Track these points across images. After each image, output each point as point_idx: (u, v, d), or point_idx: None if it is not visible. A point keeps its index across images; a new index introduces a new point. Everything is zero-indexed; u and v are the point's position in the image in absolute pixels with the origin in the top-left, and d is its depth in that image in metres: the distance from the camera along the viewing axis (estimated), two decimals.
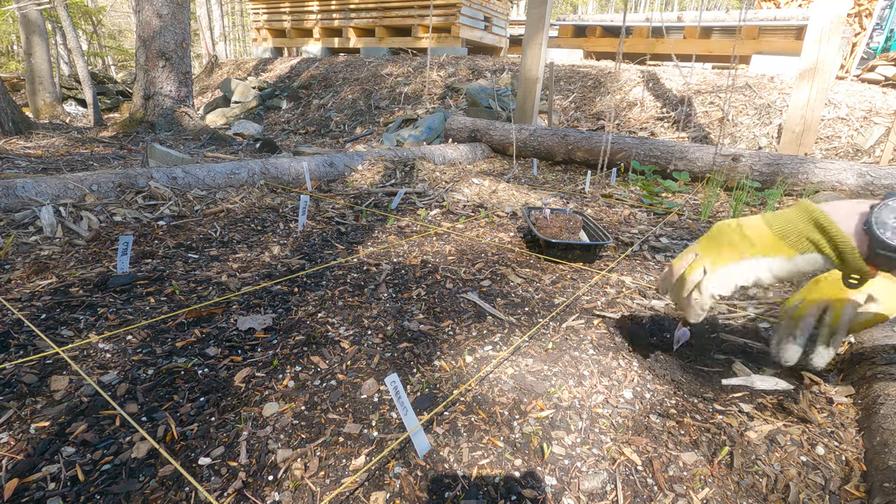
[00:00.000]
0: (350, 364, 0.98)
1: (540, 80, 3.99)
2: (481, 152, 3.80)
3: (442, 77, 6.23)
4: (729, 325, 1.22)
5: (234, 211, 2.00)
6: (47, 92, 6.59)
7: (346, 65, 7.17)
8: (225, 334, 1.07)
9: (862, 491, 0.72)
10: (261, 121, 6.42)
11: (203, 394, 0.87)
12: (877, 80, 4.58)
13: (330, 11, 7.99)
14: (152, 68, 4.71)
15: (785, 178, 2.72)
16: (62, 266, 1.38)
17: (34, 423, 0.78)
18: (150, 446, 0.74)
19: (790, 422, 0.86)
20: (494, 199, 2.44)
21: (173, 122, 4.81)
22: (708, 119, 4.47)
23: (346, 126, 5.78)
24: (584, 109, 5.18)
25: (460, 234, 1.88)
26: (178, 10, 4.70)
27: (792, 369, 1.03)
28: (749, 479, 0.74)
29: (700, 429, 0.84)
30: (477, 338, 1.11)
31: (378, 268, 1.49)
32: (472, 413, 0.86)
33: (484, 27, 7.91)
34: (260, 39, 9.02)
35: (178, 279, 1.33)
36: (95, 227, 1.68)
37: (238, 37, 24.13)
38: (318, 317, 1.17)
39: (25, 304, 1.14)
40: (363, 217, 2.04)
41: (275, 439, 0.77)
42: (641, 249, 1.78)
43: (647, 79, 5.26)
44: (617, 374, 0.99)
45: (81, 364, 0.94)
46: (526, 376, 0.97)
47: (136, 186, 2.03)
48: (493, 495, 0.69)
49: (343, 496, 0.68)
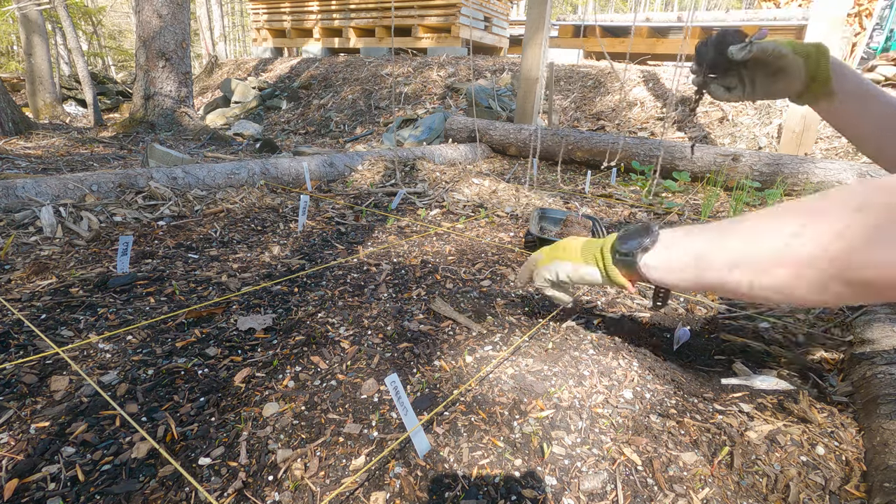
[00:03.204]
0: (350, 364, 0.98)
1: (540, 80, 3.99)
2: (481, 152, 3.80)
3: (442, 77, 6.23)
4: (729, 325, 1.22)
5: (234, 211, 2.00)
6: (47, 92, 6.59)
7: (346, 65, 7.17)
8: (225, 334, 1.07)
9: (862, 491, 0.72)
10: (261, 121, 6.42)
11: (203, 394, 0.87)
12: (877, 80, 4.58)
13: (330, 11, 7.99)
14: (152, 68, 4.71)
15: (785, 178, 2.72)
16: (62, 266, 1.38)
17: (34, 424, 0.78)
18: (150, 446, 0.74)
19: (790, 422, 0.86)
20: (494, 199, 2.44)
21: (173, 123, 4.81)
22: (708, 119, 4.47)
23: (346, 126, 5.78)
24: (584, 109, 5.18)
25: (460, 234, 1.88)
26: (178, 10, 4.70)
27: (792, 368, 1.03)
28: (749, 479, 0.74)
29: (700, 429, 0.84)
30: (477, 338, 1.11)
31: (378, 268, 1.49)
32: (472, 413, 0.86)
33: (484, 27, 7.91)
34: (260, 39, 9.02)
35: (178, 279, 1.33)
36: (95, 227, 1.68)
37: (238, 37, 24.13)
38: (318, 317, 1.17)
39: (25, 305, 1.14)
40: (363, 217, 2.04)
41: (275, 439, 0.77)
42: None
43: (647, 79, 5.26)
44: (617, 374, 0.99)
45: (81, 364, 0.94)
46: (526, 376, 0.97)
47: (136, 186, 2.03)
48: (493, 495, 0.69)
49: (343, 496, 0.68)
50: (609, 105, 5.13)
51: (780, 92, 0.99)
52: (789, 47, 0.93)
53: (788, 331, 1.19)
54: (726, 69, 1.00)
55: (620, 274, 0.83)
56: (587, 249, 0.92)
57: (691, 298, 1.38)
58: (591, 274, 0.90)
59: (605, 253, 0.86)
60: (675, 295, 1.40)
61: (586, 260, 0.91)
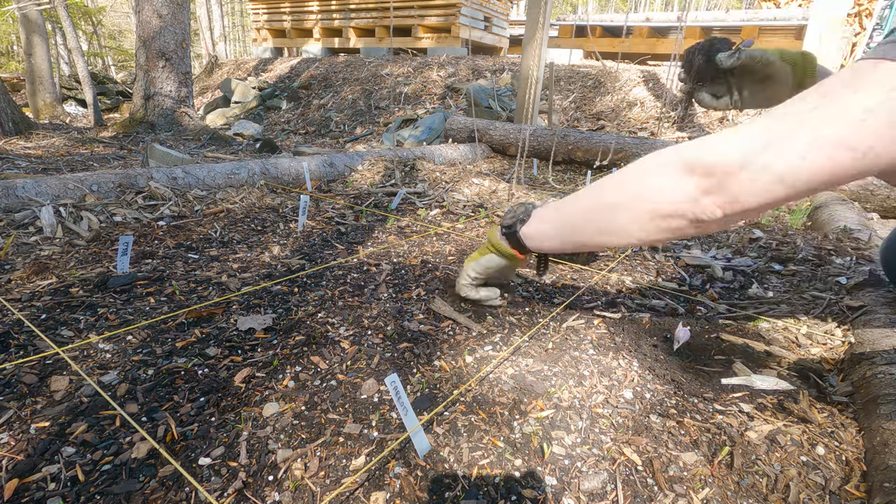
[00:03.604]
0: (350, 364, 0.98)
1: (540, 80, 3.99)
2: (481, 152, 3.80)
3: (442, 77, 6.23)
4: (729, 325, 1.22)
5: (234, 211, 2.00)
6: (47, 92, 6.59)
7: (346, 65, 7.17)
8: (225, 334, 1.07)
9: (862, 491, 0.72)
10: (261, 121, 6.42)
11: (203, 394, 0.87)
12: None
13: (330, 11, 7.99)
14: (152, 68, 4.71)
15: None
16: (62, 266, 1.38)
17: (34, 424, 0.78)
18: (150, 446, 0.74)
19: (790, 422, 0.86)
20: (494, 199, 2.44)
21: (173, 123, 4.81)
22: (708, 119, 4.47)
23: (346, 126, 5.78)
24: (584, 109, 5.18)
25: (460, 234, 1.88)
26: (178, 10, 4.70)
27: (792, 367, 1.03)
28: (749, 479, 0.74)
29: (700, 429, 0.84)
30: (477, 338, 1.11)
31: (378, 268, 1.49)
32: (472, 413, 0.86)
33: (484, 27, 7.91)
34: (260, 39, 9.02)
35: (178, 279, 1.33)
36: (95, 227, 1.68)
37: (238, 37, 24.13)
38: (318, 317, 1.17)
39: (25, 305, 1.14)
40: (363, 217, 2.04)
41: (275, 439, 0.77)
42: (641, 249, 1.78)
43: (647, 79, 5.26)
44: (617, 374, 0.99)
45: (81, 364, 0.94)
46: (526, 376, 0.97)
47: (136, 186, 2.03)
48: (493, 495, 0.69)
49: (343, 496, 0.68)
50: (609, 105, 5.13)
51: (767, 100, 1.00)
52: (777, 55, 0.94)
53: (788, 331, 1.19)
54: (714, 77, 1.00)
55: (508, 246, 1.02)
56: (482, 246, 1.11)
57: (691, 298, 1.38)
58: (489, 259, 1.08)
59: (494, 234, 1.04)
60: (675, 295, 1.40)
61: (481, 252, 1.09)
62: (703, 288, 1.47)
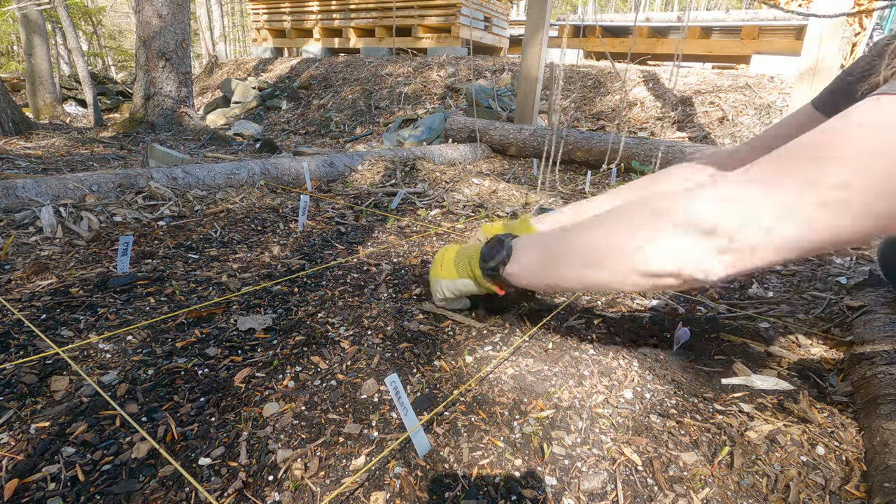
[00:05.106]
0: (350, 364, 0.98)
1: (540, 80, 3.99)
2: (481, 152, 3.80)
3: (442, 77, 6.23)
4: (729, 325, 1.22)
5: (234, 211, 2.00)
6: (47, 92, 6.59)
7: (346, 65, 7.17)
8: (225, 334, 1.07)
9: (862, 491, 0.72)
10: (261, 121, 6.42)
11: (203, 394, 0.87)
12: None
13: (330, 11, 7.99)
14: (152, 68, 4.71)
15: None
16: (62, 266, 1.38)
17: (34, 424, 0.78)
18: (150, 446, 0.74)
19: (790, 422, 0.86)
20: (494, 199, 2.44)
21: (173, 123, 4.81)
22: (708, 119, 4.47)
23: (346, 126, 5.78)
24: (584, 109, 5.18)
25: (460, 234, 1.88)
26: (178, 11, 4.70)
27: (792, 367, 1.03)
28: (749, 479, 0.74)
29: (700, 429, 0.84)
30: (477, 338, 1.11)
31: (378, 268, 1.49)
32: (472, 413, 0.86)
33: (484, 27, 7.92)
34: (260, 39, 9.02)
35: (178, 279, 1.33)
36: (95, 227, 1.68)
37: (238, 37, 24.13)
38: (318, 317, 1.17)
39: (25, 305, 1.14)
40: (363, 217, 2.04)
41: (275, 439, 0.77)
42: None
43: (647, 79, 5.26)
44: (617, 374, 0.99)
45: (81, 364, 0.94)
46: (526, 376, 0.97)
47: (136, 187, 2.03)
48: (494, 495, 0.69)
49: (343, 496, 0.68)
50: (609, 105, 5.13)
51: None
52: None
53: (788, 331, 1.19)
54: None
55: (492, 284, 1.04)
56: (459, 263, 1.10)
57: (691, 298, 1.38)
58: (466, 285, 1.09)
59: (475, 269, 1.05)
60: (675, 295, 1.40)
61: (460, 275, 1.09)
62: (702, 288, 1.47)
